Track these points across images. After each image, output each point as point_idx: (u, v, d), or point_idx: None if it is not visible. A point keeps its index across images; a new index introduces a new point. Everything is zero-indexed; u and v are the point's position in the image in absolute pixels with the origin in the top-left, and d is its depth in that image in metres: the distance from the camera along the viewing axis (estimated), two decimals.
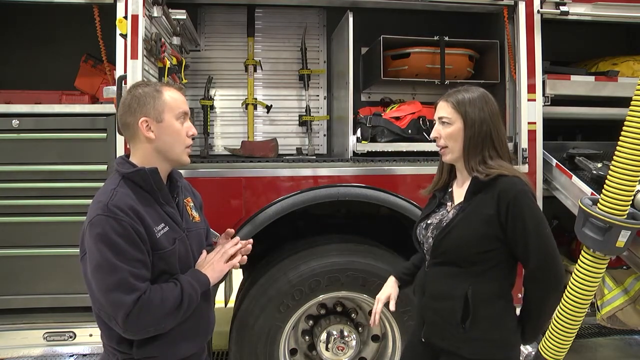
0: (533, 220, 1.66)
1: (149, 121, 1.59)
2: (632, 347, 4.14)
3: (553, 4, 3.01)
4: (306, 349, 3.02)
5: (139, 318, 1.45)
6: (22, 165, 2.60)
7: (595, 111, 3.24)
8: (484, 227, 1.67)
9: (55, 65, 3.26)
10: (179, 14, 2.81)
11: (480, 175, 1.70)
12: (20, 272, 2.63)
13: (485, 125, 1.73)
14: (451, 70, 3.18)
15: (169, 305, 1.51)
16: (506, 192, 1.66)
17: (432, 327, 1.80)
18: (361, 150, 2.95)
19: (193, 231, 1.72)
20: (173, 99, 1.63)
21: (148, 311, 1.46)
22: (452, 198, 1.87)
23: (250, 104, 3.50)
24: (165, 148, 1.62)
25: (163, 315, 1.50)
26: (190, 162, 1.71)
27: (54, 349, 2.72)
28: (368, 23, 3.28)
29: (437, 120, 1.82)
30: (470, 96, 1.77)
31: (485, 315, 1.70)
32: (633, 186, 2.22)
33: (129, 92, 1.64)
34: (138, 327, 1.47)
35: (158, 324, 1.51)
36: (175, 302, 1.52)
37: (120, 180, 1.58)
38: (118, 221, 1.45)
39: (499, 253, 1.70)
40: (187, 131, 1.67)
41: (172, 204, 1.66)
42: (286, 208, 2.74)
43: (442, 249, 1.75)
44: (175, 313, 1.53)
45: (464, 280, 1.71)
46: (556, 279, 1.68)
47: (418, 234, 1.91)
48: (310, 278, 2.73)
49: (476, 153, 1.73)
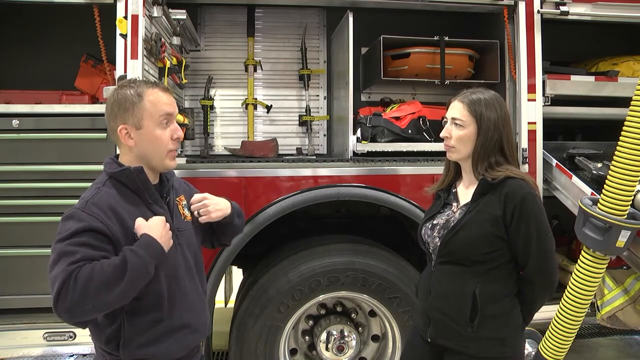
0: (537, 225, 1.68)
1: (128, 128, 1.56)
2: (632, 347, 4.14)
3: (553, 4, 3.01)
4: (306, 349, 3.02)
5: (70, 293, 1.36)
6: (22, 165, 2.59)
7: (595, 111, 3.24)
8: (491, 227, 1.69)
9: (55, 65, 3.25)
10: (179, 14, 2.81)
11: (488, 177, 1.71)
12: (20, 272, 2.63)
13: (497, 132, 1.74)
14: (451, 70, 3.18)
15: (104, 276, 1.38)
16: (513, 194, 1.67)
17: (439, 327, 1.79)
18: (361, 150, 2.95)
19: (184, 231, 1.70)
20: (153, 104, 1.57)
21: (78, 284, 1.36)
22: (457, 198, 1.87)
23: (250, 104, 3.50)
24: (146, 154, 1.60)
25: (97, 289, 1.37)
26: (175, 165, 1.67)
27: (54, 349, 2.72)
28: (368, 23, 3.28)
29: (449, 119, 1.81)
30: (486, 100, 1.76)
31: (493, 313, 1.70)
32: (633, 186, 2.22)
33: (113, 93, 1.60)
34: (67, 303, 1.37)
35: (92, 298, 1.37)
36: (115, 271, 1.40)
37: (107, 179, 1.58)
38: (89, 216, 1.46)
39: (503, 253, 1.72)
40: (172, 134, 1.61)
41: (161, 203, 1.64)
42: (286, 208, 2.73)
43: (449, 248, 1.76)
44: (116, 285, 1.39)
45: (471, 279, 1.71)
46: (550, 284, 1.74)
47: (423, 234, 1.90)
48: (310, 278, 2.73)
49: (485, 158, 1.74)
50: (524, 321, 1.79)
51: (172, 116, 1.63)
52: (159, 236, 1.51)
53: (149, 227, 1.52)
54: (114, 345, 1.53)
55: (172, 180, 1.74)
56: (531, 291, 1.75)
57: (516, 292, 1.77)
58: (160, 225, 1.54)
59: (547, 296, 1.78)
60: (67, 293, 1.36)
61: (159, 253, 1.50)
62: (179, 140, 1.64)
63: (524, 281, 1.75)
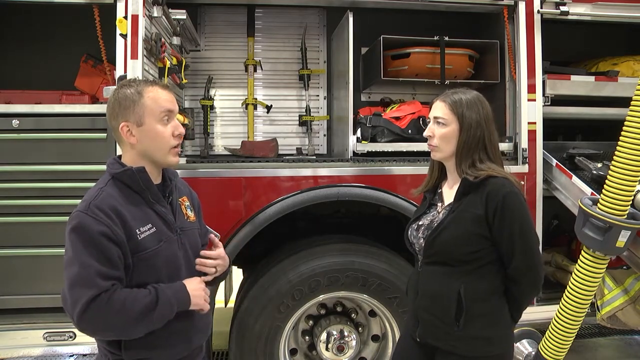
0: (520, 222, 1.68)
1: (130, 125, 1.56)
2: (632, 347, 4.14)
3: (553, 4, 3.01)
4: (306, 349, 3.02)
5: (94, 317, 1.40)
6: (22, 165, 2.59)
7: (595, 111, 3.24)
8: (474, 227, 1.69)
9: (55, 65, 3.26)
10: (179, 14, 2.81)
11: (470, 176, 1.72)
12: (20, 272, 2.63)
13: (480, 130, 1.75)
14: (451, 70, 3.18)
15: (134, 311, 1.44)
16: (495, 192, 1.67)
17: (427, 327, 1.81)
18: (361, 150, 2.95)
19: (188, 230, 1.70)
20: (154, 100, 1.57)
21: (104, 312, 1.41)
22: (442, 199, 1.89)
23: (250, 104, 3.50)
24: (149, 151, 1.60)
25: (123, 320, 1.44)
26: (178, 162, 1.67)
27: (54, 349, 2.72)
28: (368, 23, 3.28)
29: (431, 119, 1.83)
30: (467, 99, 1.78)
31: (480, 312, 1.71)
32: (633, 186, 2.22)
33: (113, 93, 1.61)
34: (91, 326, 1.43)
35: (116, 328, 1.45)
36: (144, 310, 1.46)
37: (109, 180, 1.58)
38: (94, 220, 1.45)
39: (489, 252, 1.72)
40: (173, 131, 1.61)
41: (164, 203, 1.64)
42: (286, 208, 2.73)
43: (433, 249, 1.77)
44: (142, 322, 1.46)
45: (456, 279, 1.72)
46: (536, 282, 1.74)
47: (409, 235, 1.92)
48: (310, 278, 2.73)
49: (468, 156, 1.75)
50: (512, 319, 1.80)
51: (173, 113, 1.63)
52: (193, 292, 1.60)
53: (189, 281, 1.62)
54: (116, 345, 1.53)
55: (175, 180, 1.74)
56: (517, 289, 1.75)
57: (503, 291, 1.77)
58: (199, 284, 1.65)
59: (534, 293, 1.79)
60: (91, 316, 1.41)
61: (184, 306, 1.58)
62: (180, 136, 1.64)
63: (510, 279, 1.75)
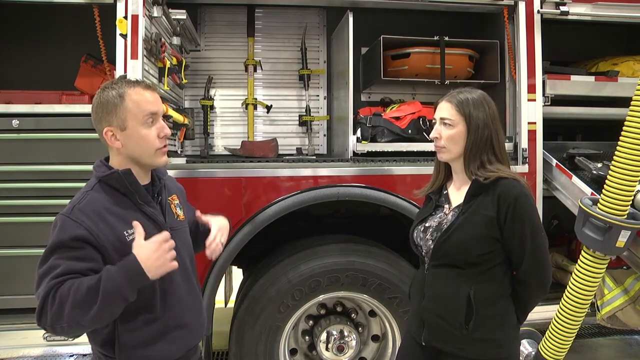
0: (531, 225, 1.68)
1: (114, 130, 1.53)
2: (632, 347, 4.14)
3: (553, 4, 3.01)
4: (306, 349, 3.02)
5: (49, 309, 1.37)
6: (22, 165, 2.59)
7: (595, 111, 3.24)
8: (485, 229, 1.68)
9: (55, 65, 3.25)
10: (179, 14, 2.81)
11: (480, 177, 1.71)
12: (20, 272, 2.62)
13: (487, 130, 1.73)
14: (451, 70, 3.18)
15: (79, 295, 1.36)
16: (507, 194, 1.66)
17: (434, 330, 1.78)
18: (361, 150, 2.95)
19: (178, 230, 1.69)
20: (136, 104, 1.53)
21: (56, 301, 1.36)
22: (449, 200, 1.86)
23: (250, 104, 3.50)
24: (134, 155, 1.57)
25: (71, 308, 1.36)
26: (167, 161, 1.65)
27: (54, 349, 2.72)
28: (368, 23, 3.28)
29: (437, 120, 1.81)
30: (474, 99, 1.76)
31: (488, 314, 1.70)
32: (633, 186, 2.22)
33: (96, 96, 1.57)
34: (48, 319, 1.38)
35: (67, 317, 1.37)
36: (87, 292, 1.36)
37: (96, 183, 1.57)
38: (75, 223, 1.45)
39: (498, 254, 1.71)
40: (158, 133, 1.57)
41: (153, 204, 1.62)
42: (286, 208, 2.73)
43: (443, 251, 1.74)
44: (87, 306, 1.36)
45: (465, 282, 1.71)
46: (545, 283, 1.74)
47: (415, 237, 1.89)
48: (310, 278, 2.73)
49: (476, 157, 1.74)
50: (518, 321, 1.79)
51: (157, 114, 1.58)
52: (145, 259, 1.41)
53: (139, 247, 1.44)
54: (110, 348, 1.53)
55: (164, 179, 1.72)
56: (526, 291, 1.75)
57: (510, 293, 1.76)
58: (151, 247, 1.43)
59: (541, 295, 1.78)
60: (47, 309, 1.37)
61: (139, 277, 1.41)
62: (166, 137, 1.61)
63: (519, 281, 1.74)
